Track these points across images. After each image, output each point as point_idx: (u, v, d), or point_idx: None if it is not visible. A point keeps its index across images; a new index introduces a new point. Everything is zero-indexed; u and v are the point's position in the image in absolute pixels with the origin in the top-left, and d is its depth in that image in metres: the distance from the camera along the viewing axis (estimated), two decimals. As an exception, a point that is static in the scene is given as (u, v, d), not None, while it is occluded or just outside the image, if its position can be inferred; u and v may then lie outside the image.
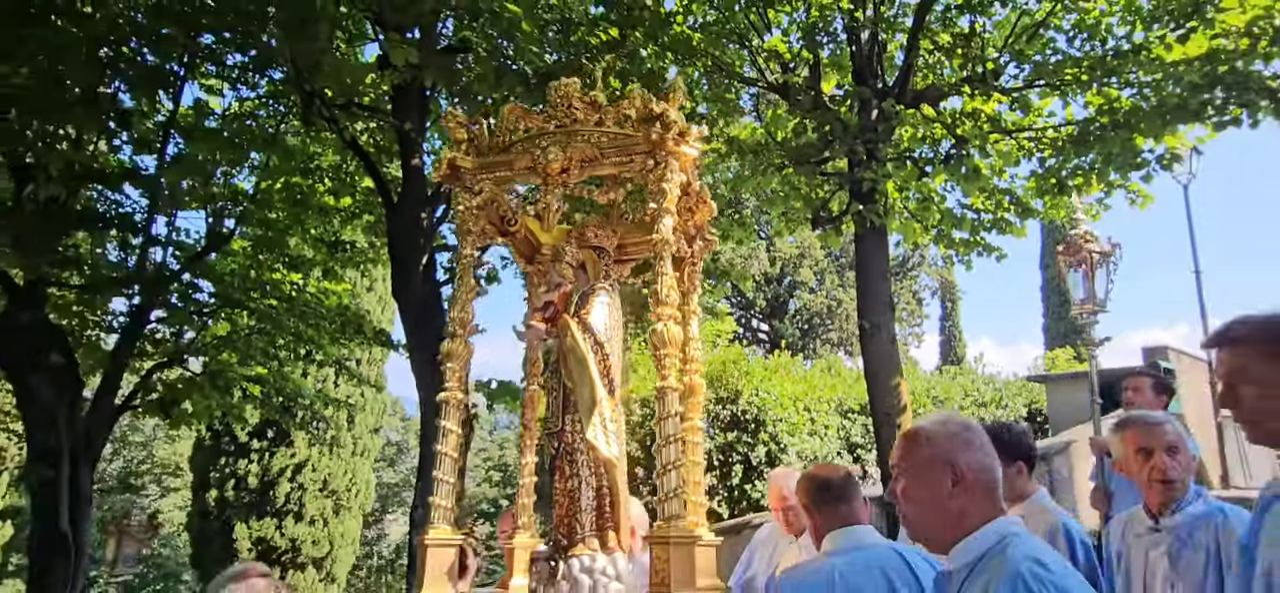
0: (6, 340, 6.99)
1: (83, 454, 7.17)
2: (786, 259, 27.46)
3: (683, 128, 2.74)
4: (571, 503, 2.85)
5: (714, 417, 11.29)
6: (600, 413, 2.78)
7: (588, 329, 2.91)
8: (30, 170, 6.84)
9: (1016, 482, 2.51)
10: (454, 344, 2.94)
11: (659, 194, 2.74)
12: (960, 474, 1.49)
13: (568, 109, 2.94)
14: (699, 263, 3.45)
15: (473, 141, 3.04)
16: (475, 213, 3.02)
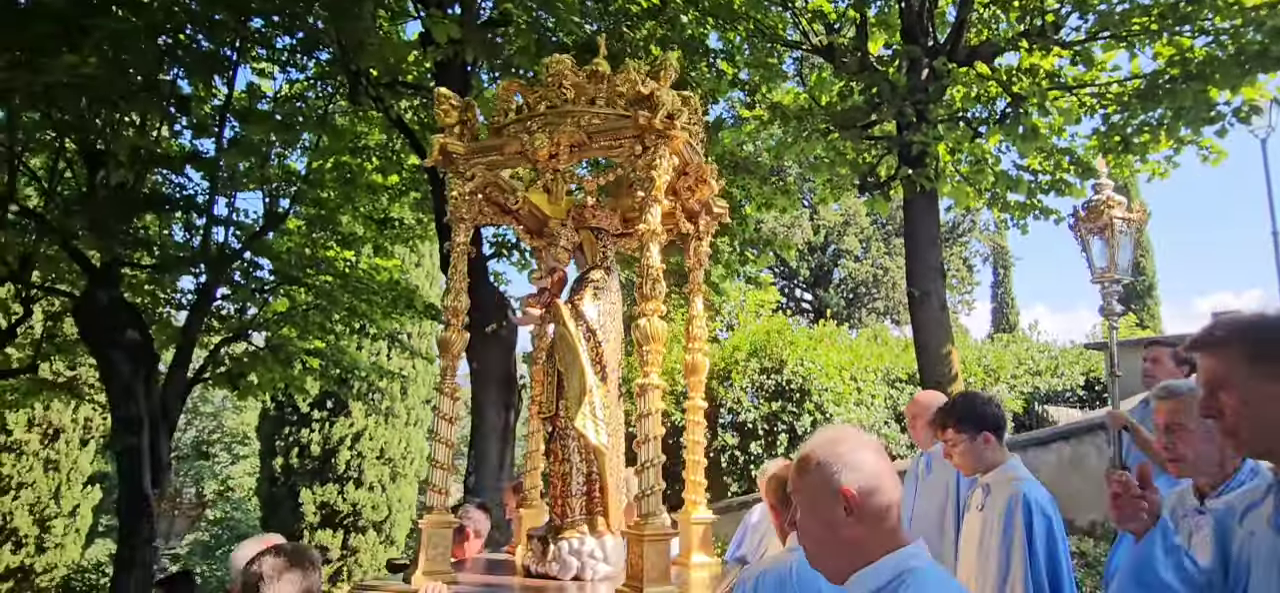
0: (88, 318, 7.45)
1: (160, 423, 7.64)
2: (831, 227, 26.92)
3: (673, 109, 2.61)
4: (563, 486, 2.88)
5: (758, 387, 11.25)
6: (590, 402, 2.82)
7: (580, 317, 2.93)
8: (101, 157, 7.22)
9: (985, 452, 2.52)
10: (448, 333, 2.89)
11: (646, 181, 2.63)
12: (851, 502, 1.37)
13: (558, 89, 2.84)
14: (705, 239, 3.38)
15: (464, 125, 2.96)
16: (468, 199, 2.95)
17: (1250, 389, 1.35)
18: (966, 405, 2.58)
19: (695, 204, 3.25)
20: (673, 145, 2.65)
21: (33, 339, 9.62)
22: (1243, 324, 1.41)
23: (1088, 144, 7.77)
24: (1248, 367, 1.36)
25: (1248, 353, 1.37)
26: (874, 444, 1.47)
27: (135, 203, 7.53)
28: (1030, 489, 2.41)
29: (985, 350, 14.32)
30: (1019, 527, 2.35)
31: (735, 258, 9.01)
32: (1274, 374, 1.33)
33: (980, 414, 2.55)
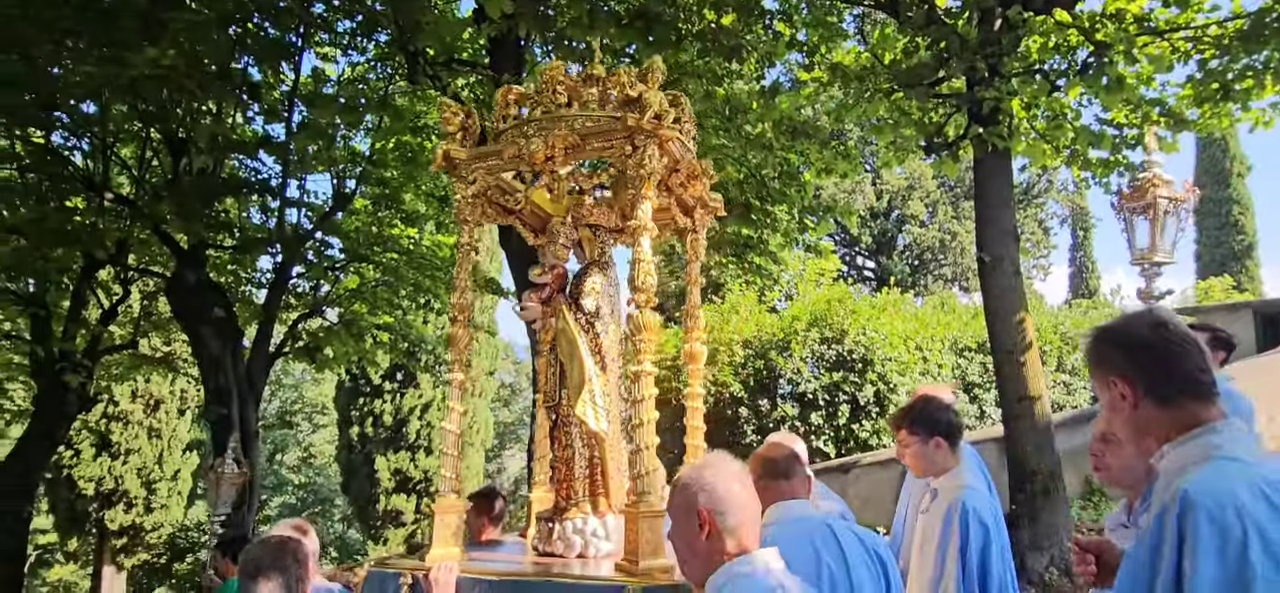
0: (179, 297, 7.98)
1: (247, 395, 8.16)
2: (894, 192, 25.97)
3: (660, 110, 2.70)
4: (567, 470, 3.03)
5: (819, 357, 11.06)
6: (589, 390, 2.96)
7: (579, 310, 3.06)
8: (183, 145, 7.65)
9: (935, 456, 2.58)
10: (455, 329, 3.02)
11: (636, 179, 2.73)
12: (707, 524, 1.59)
13: (553, 93, 2.94)
14: (701, 232, 3.46)
15: (465, 131, 3.06)
16: (470, 202, 3.07)
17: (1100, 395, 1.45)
18: (921, 409, 2.65)
19: (690, 199, 3.33)
20: (664, 141, 2.75)
21: (132, 318, 10.39)
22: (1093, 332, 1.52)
23: (1181, 94, 7.16)
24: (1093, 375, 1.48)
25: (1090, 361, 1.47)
26: (736, 473, 1.67)
27: (216, 187, 7.96)
28: (971, 498, 2.44)
29: (1062, 317, 13.60)
30: (955, 533, 2.40)
31: (794, 226, 8.81)
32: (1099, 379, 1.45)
33: (933, 419, 2.59)
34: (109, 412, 16.32)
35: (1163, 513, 1.26)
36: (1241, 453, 1.30)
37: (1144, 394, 1.37)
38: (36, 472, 9.28)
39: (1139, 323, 1.43)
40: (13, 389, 11.13)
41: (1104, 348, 1.43)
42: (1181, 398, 1.36)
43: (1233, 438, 1.32)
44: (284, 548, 2.15)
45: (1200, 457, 1.31)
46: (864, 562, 2.13)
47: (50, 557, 19.02)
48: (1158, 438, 1.37)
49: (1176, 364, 1.38)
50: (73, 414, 9.54)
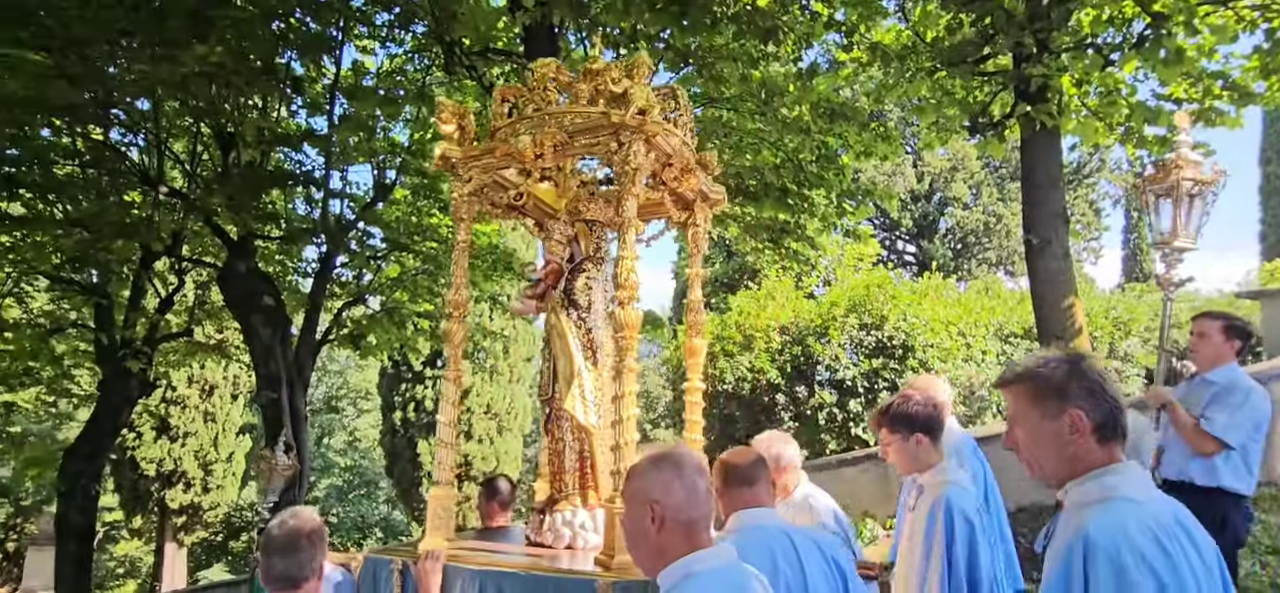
0: (230, 287, 8.27)
1: (296, 380, 8.43)
2: (936, 174, 25.28)
3: (645, 105, 2.68)
4: (559, 463, 3.09)
5: (858, 343, 10.88)
6: (579, 385, 3.01)
7: (573, 306, 3.13)
8: (232, 139, 7.90)
9: (918, 452, 2.59)
10: (450, 325, 3.07)
11: (622, 176, 2.73)
12: (658, 515, 1.63)
13: (544, 91, 2.95)
14: (702, 226, 3.44)
15: (462, 131, 3.11)
16: (468, 200, 3.11)
17: (1034, 425, 1.52)
18: (900, 407, 2.67)
19: (688, 192, 3.30)
20: (649, 139, 2.75)
21: (187, 306, 10.81)
22: (1023, 367, 1.58)
23: (1246, 65, 6.78)
24: (1029, 404, 1.54)
25: (1028, 391, 1.54)
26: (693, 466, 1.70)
27: (263, 180, 8.20)
28: (954, 494, 2.45)
29: (1115, 302, 13.08)
30: (939, 529, 2.41)
31: (832, 210, 8.65)
32: (1050, 413, 1.50)
33: (912, 416, 2.61)
34: (168, 396, 17.08)
35: (1069, 552, 1.39)
36: (1133, 493, 1.43)
37: (1093, 429, 1.47)
38: (103, 453, 9.78)
39: (1091, 364, 1.53)
40: (79, 375, 11.73)
41: (1063, 379, 1.51)
42: (1113, 441, 1.48)
43: (1126, 479, 1.45)
44: (299, 530, 2.23)
45: (1099, 497, 1.44)
46: (822, 572, 2.14)
47: (117, 533, 20.07)
48: (1081, 471, 1.49)
49: (1117, 406, 1.49)
50: (134, 398, 10.02)
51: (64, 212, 7.93)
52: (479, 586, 2.50)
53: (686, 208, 3.44)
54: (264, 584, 2.25)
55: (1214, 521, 3.62)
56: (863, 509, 8.78)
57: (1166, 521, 1.38)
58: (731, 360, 11.36)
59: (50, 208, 7.90)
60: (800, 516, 3.29)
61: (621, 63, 2.81)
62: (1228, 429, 3.53)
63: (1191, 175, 3.90)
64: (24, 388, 11.73)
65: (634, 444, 2.59)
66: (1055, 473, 1.53)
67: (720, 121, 7.72)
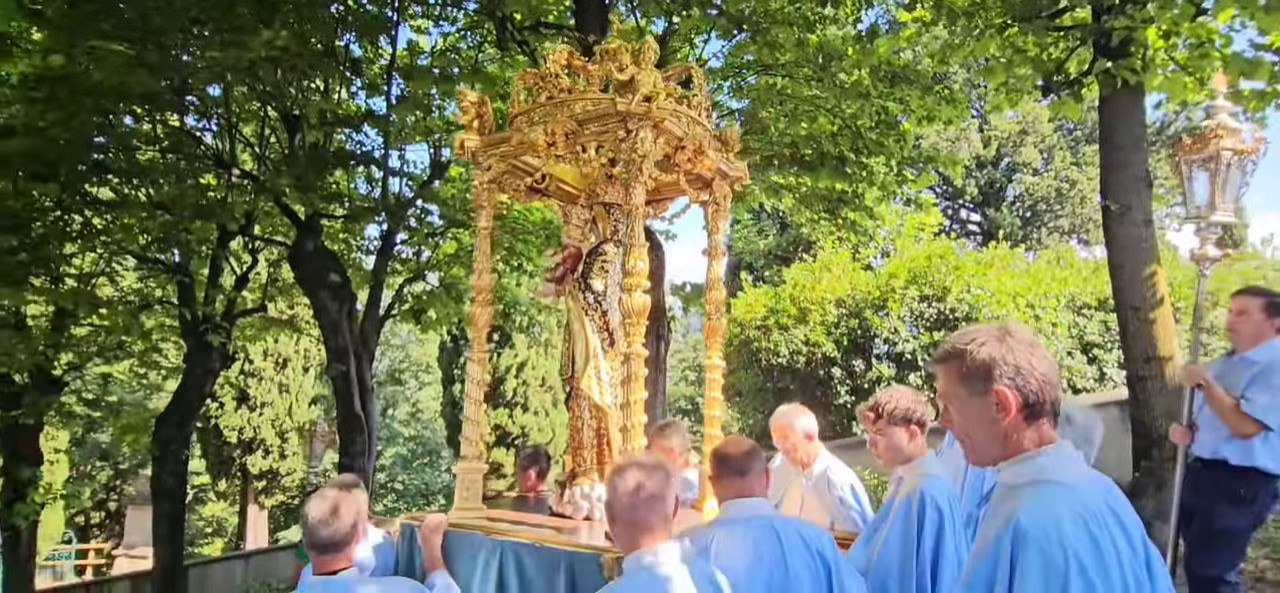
0: (299, 264, 8.64)
1: (362, 353, 8.79)
2: (1004, 138, 24.07)
3: (650, 92, 2.68)
4: (577, 439, 3.26)
5: (918, 316, 10.56)
6: (595, 366, 3.14)
7: (588, 289, 3.23)
8: (297, 121, 8.19)
9: (903, 447, 2.66)
10: (474, 308, 3.21)
11: (629, 163, 2.75)
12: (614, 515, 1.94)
13: (556, 79, 3.00)
14: (723, 205, 3.44)
15: (481, 119, 3.17)
16: (487, 188, 3.20)
17: (961, 404, 1.51)
18: (886, 402, 2.74)
19: (706, 172, 3.31)
20: (656, 125, 2.76)
21: (260, 283, 11.37)
22: (953, 344, 1.55)
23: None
24: (957, 382, 1.51)
25: (957, 371, 1.50)
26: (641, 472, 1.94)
27: (327, 160, 8.49)
28: (929, 485, 2.51)
29: (1202, 270, 12.25)
30: (912, 521, 2.48)
31: (892, 178, 8.34)
32: (977, 391, 1.47)
33: (896, 411, 2.67)
34: (246, 369, 18.11)
35: (998, 541, 1.38)
36: (1064, 477, 1.41)
37: (1020, 407, 1.44)
38: (190, 421, 10.46)
39: (1019, 340, 1.48)
40: (167, 348, 12.54)
41: (983, 360, 1.47)
42: (1042, 417, 1.46)
43: (1058, 461, 1.43)
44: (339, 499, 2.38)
45: (1029, 479, 1.43)
46: (805, 562, 2.19)
47: (204, 496, 21.51)
48: (1012, 451, 1.47)
49: (1046, 383, 1.46)
50: (216, 370, 10.64)
51: (147, 195, 8.42)
52: (498, 554, 2.64)
53: (705, 187, 3.44)
54: (307, 550, 2.41)
55: (1242, 497, 3.56)
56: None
57: (1097, 507, 1.37)
58: (786, 334, 11.21)
59: (135, 192, 8.40)
60: (819, 489, 3.33)
61: (629, 47, 2.78)
62: (1269, 411, 3.42)
63: (1231, 144, 3.69)
64: (119, 360, 12.63)
65: (641, 426, 2.70)
66: (987, 453, 1.51)
67: (774, 89, 7.52)
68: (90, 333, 11.20)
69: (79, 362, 11.84)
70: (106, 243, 9.21)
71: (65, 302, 9.87)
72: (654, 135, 2.78)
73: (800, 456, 3.34)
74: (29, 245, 8.12)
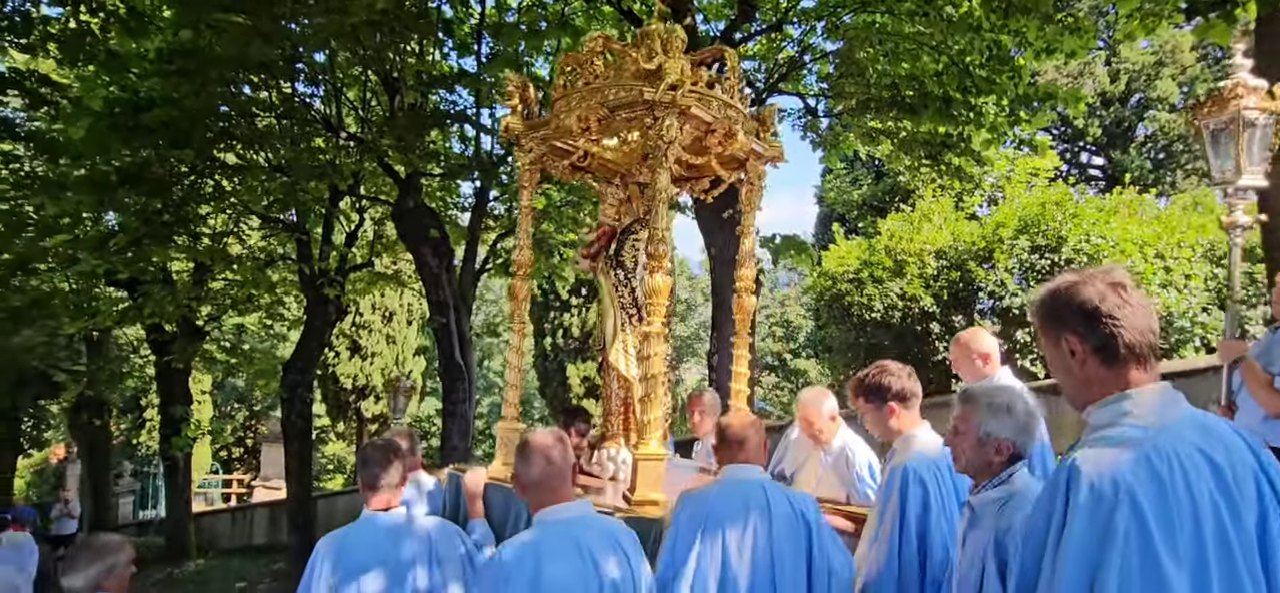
0: (402, 222, 9.12)
1: (461, 306, 9.24)
2: (1136, 71, 21.64)
3: (677, 80, 2.74)
4: (608, 406, 3.53)
5: (1028, 268, 9.85)
6: (622, 339, 3.38)
7: (619, 267, 3.44)
8: (396, 83, 8.54)
9: (889, 421, 2.68)
10: (515, 282, 3.42)
11: (655, 149, 2.84)
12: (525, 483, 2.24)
13: (591, 66, 3.13)
14: (758, 184, 3.51)
15: (524, 102, 3.34)
16: (530, 169, 3.39)
17: (1048, 352, 1.52)
18: (873, 378, 2.76)
19: (738, 153, 3.37)
20: (683, 113, 2.84)
21: (367, 241, 12.12)
22: (1038, 298, 1.55)
23: None
24: (1043, 332, 1.52)
25: (1039, 320, 1.52)
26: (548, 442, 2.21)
27: (424, 121, 8.83)
28: (913, 460, 2.52)
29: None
30: (895, 492, 2.51)
31: (1003, 120, 7.69)
32: (1052, 338, 1.48)
33: (883, 387, 2.69)
34: (357, 321, 19.49)
35: (1056, 474, 1.37)
36: (1149, 421, 1.35)
37: (1092, 352, 1.41)
38: (312, 367, 11.42)
39: (1094, 284, 1.44)
40: (289, 301, 13.70)
41: (1057, 305, 1.47)
42: (1124, 362, 1.40)
43: (1142, 405, 1.37)
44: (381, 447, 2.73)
45: (1109, 421, 1.39)
46: (788, 522, 2.34)
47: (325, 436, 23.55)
48: (1096, 396, 1.43)
49: (1119, 325, 1.40)
50: (332, 321, 11.51)
51: (267, 159, 9.09)
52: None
53: (739, 166, 3.50)
54: (362, 491, 2.71)
55: None
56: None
57: (1175, 448, 1.28)
58: (880, 287, 10.78)
59: (256, 156, 9.10)
60: (837, 466, 3.43)
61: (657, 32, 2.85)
62: None
63: (1254, 103, 3.42)
64: (249, 312, 13.93)
65: (659, 397, 2.94)
66: (1074, 399, 1.49)
67: (873, 27, 7.07)
68: (225, 287, 12.39)
69: (217, 313, 13.16)
70: (234, 204, 10.06)
71: (203, 258, 10.94)
72: (680, 122, 2.85)
73: (826, 436, 3.42)
74: (171, 207, 9.00)
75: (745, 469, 2.47)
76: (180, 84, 7.00)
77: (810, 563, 2.32)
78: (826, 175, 19.57)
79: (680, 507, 2.43)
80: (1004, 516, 1.89)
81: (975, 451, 2.00)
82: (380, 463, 2.61)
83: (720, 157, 3.37)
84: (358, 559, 2.49)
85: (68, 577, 2.48)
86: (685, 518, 2.37)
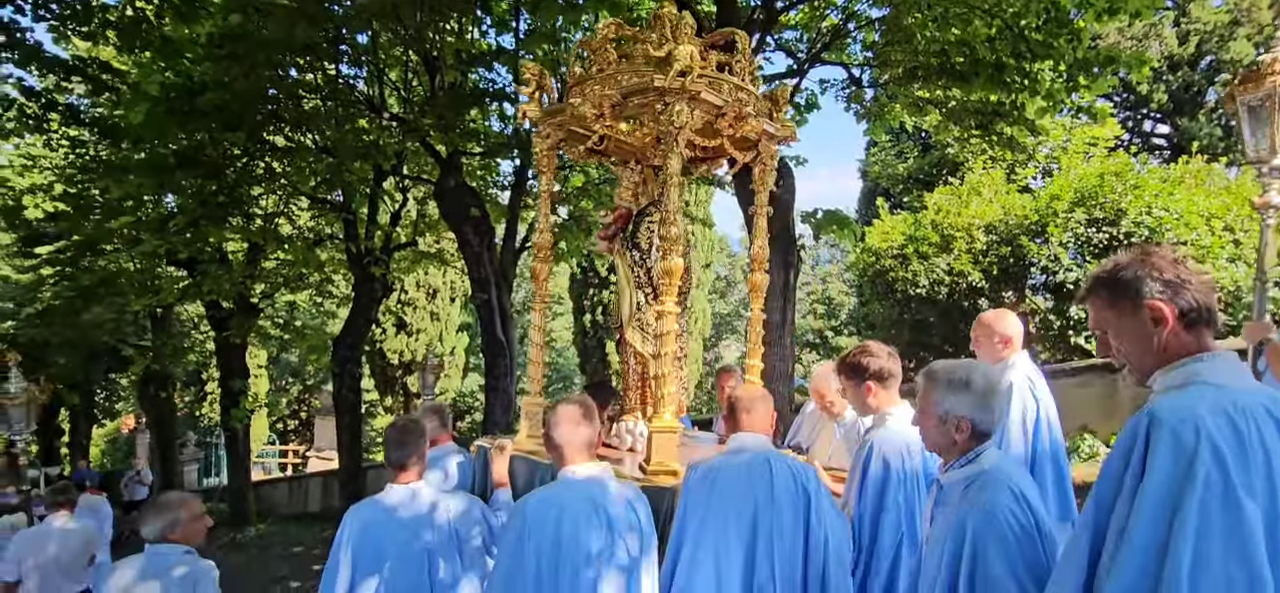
0: (443, 201, 9.25)
1: (502, 284, 9.35)
2: (1207, 31, 20.33)
3: (686, 67, 2.83)
4: (625, 382, 3.70)
5: (1084, 242, 9.44)
6: (637, 317, 3.53)
7: (635, 247, 3.58)
8: (436, 63, 8.61)
9: (867, 399, 2.75)
10: (536, 264, 3.60)
11: (665, 134, 2.95)
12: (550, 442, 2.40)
13: (604, 53, 3.24)
14: (770, 164, 3.58)
15: (541, 90, 3.45)
16: (548, 154, 3.52)
17: (1117, 327, 1.54)
18: (853, 357, 2.81)
19: (750, 134, 3.44)
20: (693, 98, 2.92)
21: (411, 220, 12.35)
22: (1096, 275, 1.59)
23: None
24: (1108, 309, 1.55)
25: (1107, 298, 1.55)
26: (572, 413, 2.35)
27: (464, 99, 8.90)
28: (881, 437, 2.62)
29: None
30: (858, 466, 2.62)
31: (1061, 86, 7.31)
32: (1121, 309, 1.52)
33: (862, 366, 2.74)
34: (402, 299, 19.96)
35: (1134, 428, 1.39)
36: (1218, 378, 1.41)
37: (1178, 316, 1.46)
38: (360, 343, 11.77)
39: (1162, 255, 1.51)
40: (337, 279, 14.10)
41: (1134, 277, 1.50)
42: (1200, 326, 1.46)
43: (1215, 367, 1.43)
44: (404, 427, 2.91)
45: (1182, 382, 1.43)
46: (788, 488, 2.43)
47: (374, 410, 24.32)
48: (1169, 359, 1.48)
49: (1199, 290, 1.47)
50: (378, 299, 11.82)
51: (313, 141, 9.31)
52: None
53: (751, 148, 3.58)
54: (388, 466, 2.89)
55: None
56: (1080, 423, 7.84)
57: (1249, 404, 1.34)
58: (926, 263, 10.50)
59: (303, 137, 9.32)
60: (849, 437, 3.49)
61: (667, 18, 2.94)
62: None
63: None
64: (300, 290, 14.40)
65: (672, 374, 3.09)
66: (1144, 367, 1.53)
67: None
68: (277, 266, 12.82)
69: (270, 290, 13.64)
70: (284, 185, 10.36)
71: (256, 238, 11.32)
72: (691, 107, 2.94)
73: (837, 409, 3.50)
74: (225, 189, 9.32)
75: (751, 439, 2.57)
76: (230, 67, 7.20)
77: (808, 530, 2.43)
78: (871, 148, 19.06)
79: (689, 475, 2.57)
80: (969, 497, 1.89)
81: (937, 429, 2.01)
82: (401, 444, 2.82)
83: (732, 138, 3.47)
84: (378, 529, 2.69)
85: (143, 528, 2.87)
86: (694, 484, 2.52)
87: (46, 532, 4.78)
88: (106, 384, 22.39)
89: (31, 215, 11.45)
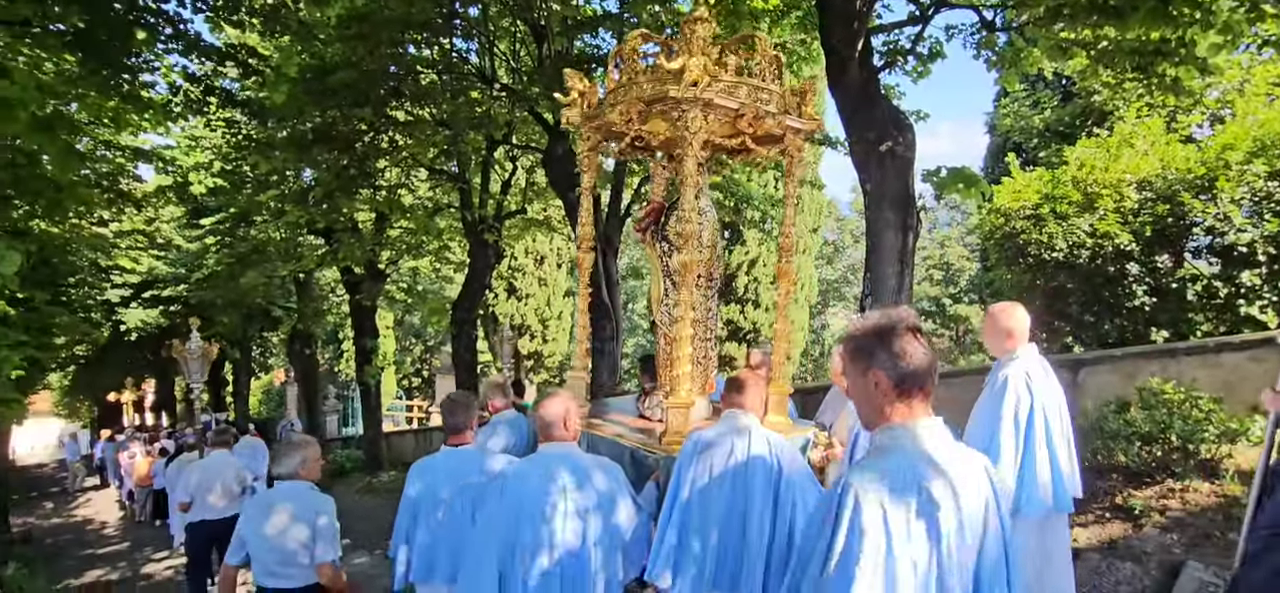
0: (551, 168, 9.46)
1: (607, 250, 9.48)
2: None
3: (697, 77, 3.05)
4: (660, 360, 4.02)
5: (1262, 198, 8.20)
6: (665, 303, 3.85)
7: (664, 239, 3.85)
8: (543, 32, 8.73)
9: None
10: (580, 254, 3.98)
11: (681, 140, 3.19)
12: None
13: (631, 63, 3.47)
14: (797, 156, 3.68)
15: (583, 97, 3.69)
16: (588, 156, 3.82)
17: (852, 381, 1.79)
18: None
19: (774, 129, 3.57)
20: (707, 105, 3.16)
21: (520, 188, 12.75)
22: (848, 330, 1.85)
23: None
24: (850, 363, 1.78)
25: (848, 353, 1.78)
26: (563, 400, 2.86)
27: (570, 66, 8.99)
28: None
29: None
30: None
31: (1241, 16, 6.28)
32: (860, 370, 1.74)
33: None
34: (512, 264, 20.80)
35: (835, 486, 1.63)
36: (912, 445, 1.65)
37: (892, 387, 1.67)
38: (475, 307, 12.40)
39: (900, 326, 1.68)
40: (454, 246, 14.88)
41: (871, 343, 1.70)
42: (912, 393, 1.68)
43: (912, 432, 1.66)
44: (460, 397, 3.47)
45: (884, 445, 1.67)
46: (763, 460, 2.77)
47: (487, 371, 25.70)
48: (883, 421, 1.70)
49: (920, 368, 1.66)
50: (491, 265, 12.37)
51: (431, 114, 9.77)
52: (586, 441, 3.56)
53: (776, 142, 3.71)
54: (444, 430, 3.43)
55: None
56: (1250, 403, 6.90)
57: (919, 471, 1.58)
58: (1064, 224, 9.53)
59: (422, 111, 9.80)
60: None
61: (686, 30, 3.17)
62: None
63: None
64: (421, 256, 15.34)
65: (687, 355, 3.40)
66: (868, 423, 1.76)
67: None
68: (400, 234, 13.71)
69: (395, 257, 14.64)
70: (406, 157, 10.99)
71: (382, 208, 12.14)
72: (705, 114, 3.18)
73: None
74: (355, 162, 10.01)
75: (739, 416, 2.90)
76: (357, 46, 7.66)
77: (777, 497, 2.75)
78: (1001, 98, 17.50)
79: (686, 442, 2.96)
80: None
81: None
82: (453, 414, 3.41)
83: (753, 135, 3.62)
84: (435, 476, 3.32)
85: (276, 466, 3.44)
86: (687, 450, 2.92)
87: (209, 464, 5.95)
88: (261, 341, 25.08)
89: (196, 191, 12.87)
